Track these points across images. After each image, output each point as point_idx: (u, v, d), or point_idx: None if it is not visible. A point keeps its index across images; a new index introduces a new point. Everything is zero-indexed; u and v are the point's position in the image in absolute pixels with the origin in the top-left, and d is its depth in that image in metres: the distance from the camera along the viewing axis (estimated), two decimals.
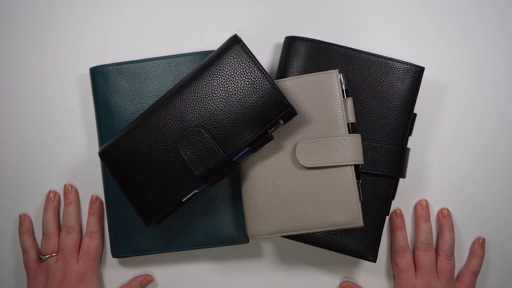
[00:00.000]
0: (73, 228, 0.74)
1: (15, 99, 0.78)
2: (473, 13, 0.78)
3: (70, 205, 0.75)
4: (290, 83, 0.68)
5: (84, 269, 0.72)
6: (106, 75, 0.74)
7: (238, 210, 0.72)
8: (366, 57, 0.72)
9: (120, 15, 0.78)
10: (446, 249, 0.74)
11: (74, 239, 0.73)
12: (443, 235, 0.75)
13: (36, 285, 0.72)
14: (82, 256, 0.73)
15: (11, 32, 0.78)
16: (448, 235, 0.74)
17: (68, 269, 0.72)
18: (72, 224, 0.74)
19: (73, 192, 0.76)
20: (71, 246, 0.73)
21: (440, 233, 0.75)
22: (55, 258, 0.73)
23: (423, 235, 0.74)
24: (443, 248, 0.74)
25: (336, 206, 0.65)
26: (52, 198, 0.75)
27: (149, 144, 0.66)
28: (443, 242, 0.74)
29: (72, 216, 0.74)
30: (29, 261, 0.74)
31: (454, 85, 0.78)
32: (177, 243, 0.72)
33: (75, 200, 0.75)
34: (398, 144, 0.71)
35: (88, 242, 0.73)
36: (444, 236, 0.74)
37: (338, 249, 0.71)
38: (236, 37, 0.65)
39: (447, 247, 0.74)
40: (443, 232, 0.75)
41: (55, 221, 0.75)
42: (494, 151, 0.78)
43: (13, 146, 0.77)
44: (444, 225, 0.75)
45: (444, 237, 0.74)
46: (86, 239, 0.74)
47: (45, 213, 0.75)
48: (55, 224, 0.75)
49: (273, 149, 0.68)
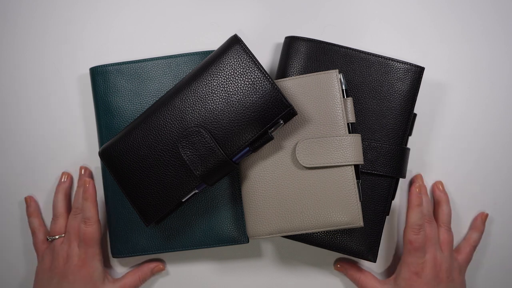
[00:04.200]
0: (81, 210, 0.73)
1: (15, 99, 0.78)
2: (473, 13, 0.78)
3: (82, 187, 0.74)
4: (290, 83, 0.68)
5: (84, 255, 0.71)
6: (106, 75, 0.74)
7: (238, 210, 0.72)
8: (366, 57, 0.72)
9: (120, 15, 0.78)
10: (446, 221, 0.74)
11: (80, 222, 0.72)
12: (441, 207, 0.75)
13: (43, 266, 0.72)
14: (80, 243, 0.71)
15: (11, 32, 0.78)
16: (446, 206, 0.75)
17: (70, 252, 0.71)
18: (81, 205, 0.73)
19: (87, 174, 0.76)
20: (77, 228, 0.72)
21: (437, 205, 0.76)
22: (61, 240, 0.73)
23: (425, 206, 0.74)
24: (443, 220, 0.74)
25: (336, 206, 0.65)
26: (64, 180, 0.76)
27: (149, 144, 0.66)
28: (442, 214, 0.75)
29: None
30: (37, 242, 0.74)
31: (454, 85, 0.78)
32: (177, 243, 0.72)
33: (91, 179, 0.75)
34: (398, 144, 0.71)
35: (84, 229, 0.71)
36: (442, 208, 0.75)
37: (338, 249, 0.71)
38: (236, 37, 0.65)
39: (447, 218, 0.75)
40: (441, 204, 0.75)
41: (65, 203, 0.75)
42: (494, 151, 0.78)
43: (13, 146, 0.77)
44: (441, 197, 0.76)
45: (443, 209, 0.75)
46: (81, 225, 0.72)
47: (56, 194, 0.75)
48: (65, 205, 0.75)
49: (273, 149, 0.68)
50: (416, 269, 0.70)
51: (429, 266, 0.70)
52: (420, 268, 0.70)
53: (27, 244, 0.77)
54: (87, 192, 0.72)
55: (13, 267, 0.78)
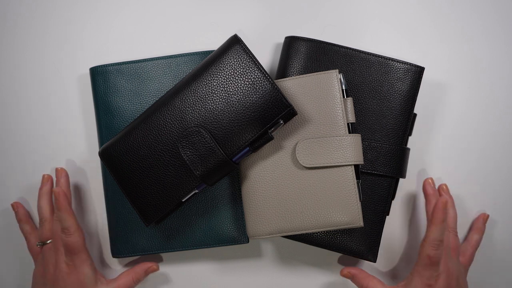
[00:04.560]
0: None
1: (15, 99, 0.78)
2: (473, 13, 0.78)
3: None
4: (290, 83, 0.68)
5: (71, 262, 0.70)
6: (106, 75, 0.74)
7: (238, 210, 0.72)
8: (366, 57, 0.72)
9: (120, 15, 0.78)
10: (453, 225, 0.73)
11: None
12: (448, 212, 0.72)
13: (38, 270, 0.72)
14: (65, 252, 0.70)
15: (11, 32, 0.78)
16: (451, 210, 0.74)
17: (58, 258, 0.70)
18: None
19: (64, 175, 0.74)
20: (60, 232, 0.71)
21: None
22: (50, 245, 0.72)
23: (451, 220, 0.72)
24: (450, 225, 0.73)
25: (336, 206, 0.65)
26: (45, 182, 0.74)
27: (149, 144, 0.66)
28: (448, 218, 0.73)
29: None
30: (31, 247, 0.74)
31: (454, 85, 0.78)
32: (177, 243, 0.72)
33: (65, 183, 0.74)
34: (398, 144, 0.71)
35: (65, 239, 0.69)
36: (449, 212, 0.73)
37: (338, 249, 0.71)
38: (236, 37, 0.65)
39: (453, 222, 0.73)
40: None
41: (49, 207, 0.73)
42: (494, 151, 0.78)
43: (13, 146, 0.77)
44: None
45: (449, 213, 0.73)
46: (62, 236, 0.70)
47: (39, 199, 0.74)
48: (49, 209, 0.73)
49: (273, 149, 0.68)
50: (429, 282, 0.67)
51: (442, 278, 0.68)
52: (434, 281, 0.67)
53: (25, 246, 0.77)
54: (58, 203, 0.69)
55: (13, 268, 0.78)
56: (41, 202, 0.74)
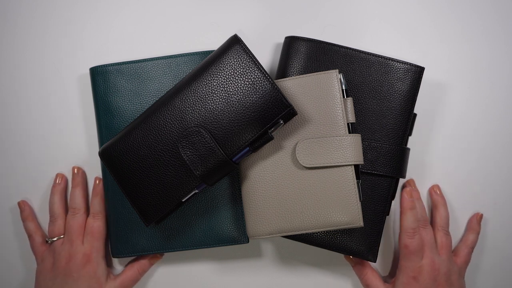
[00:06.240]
0: (79, 210, 0.74)
1: (15, 99, 0.78)
2: (473, 13, 0.78)
3: (77, 187, 0.75)
4: (290, 83, 0.68)
5: (89, 250, 0.72)
6: (106, 75, 0.74)
7: (238, 210, 0.72)
8: (366, 57, 0.72)
9: (120, 15, 0.78)
10: (444, 224, 0.74)
11: (80, 221, 0.73)
12: (438, 211, 0.75)
13: (44, 267, 0.73)
14: (86, 237, 0.73)
15: (11, 32, 0.78)
16: (443, 210, 0.75)
17: (73, 251, 0.72)
18: (78, 206, 0.74)
19: (80, 174, 0.76)
20: (77, 227, 0.73)
21: (435, 209, 0.76)
22: (61, 241, 0.73)
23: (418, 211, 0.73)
24: (441, 224, 0.74)
25: (336, 206, 0.65)
26: (59, 181, 0.76)
27: (149, 144, 0.66)
28: (439, 217, 0.75)
29: (79, 198, 0.75)
30: (35, 245, 0.75)
31: (454, 85, 0.78)
32: (177, 243, 0.72)
33: (82, 182, 0.76)
34: (398, 144, 0.71)
35: (92, 223, 0.73)
36: (440, 212, 0.75)
37: (338, 249, 0.71)
38: (236, 37, 0.65)
39: (444, 222, 0.74)
40: (438, 208, 0.75)
41: (61, 204, 0.75)
42: (494, 151, 0.78)
43: (13, 146, 0.77)
44: (438, 201, 0.76)
45: (440, 213, 0.75)
46: (90, 220, 0.74)
47: (52, 196, 0.75)
48: (62, 206, 0.75)
49: (273, 149, 0.68)
50: (413, 274, 0.70)
51: (426, 270, 0.70)
52: (417, 272, 0.70)
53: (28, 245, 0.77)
54: (96, 189, 0.75)
55: (13, 268, 0.78)
56: (54, 198, 0.75)
